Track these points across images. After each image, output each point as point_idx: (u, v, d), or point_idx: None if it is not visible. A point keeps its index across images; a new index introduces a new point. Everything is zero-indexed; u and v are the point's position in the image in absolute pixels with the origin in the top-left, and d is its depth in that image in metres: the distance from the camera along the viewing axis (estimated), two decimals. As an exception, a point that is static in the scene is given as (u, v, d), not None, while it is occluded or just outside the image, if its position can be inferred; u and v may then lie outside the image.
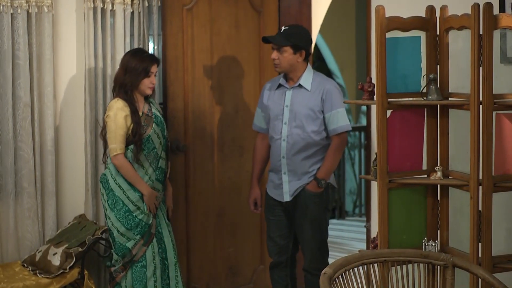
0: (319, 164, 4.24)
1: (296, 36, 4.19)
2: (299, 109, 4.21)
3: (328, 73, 10.03)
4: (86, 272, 4.30)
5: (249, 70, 5.04)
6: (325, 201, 4.30)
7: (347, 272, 3.05)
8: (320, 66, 10.06)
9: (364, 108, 8.82)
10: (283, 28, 4.21)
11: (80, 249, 4.23)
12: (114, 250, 4.30)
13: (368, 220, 4.80)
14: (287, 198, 4.28)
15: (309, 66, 4.28)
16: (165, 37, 4.79)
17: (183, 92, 4.87)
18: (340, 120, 4.20)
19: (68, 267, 4.19)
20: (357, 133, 9.05)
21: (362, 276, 3.13)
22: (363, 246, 5.71)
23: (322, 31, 7.90)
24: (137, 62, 4.24)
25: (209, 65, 4.93)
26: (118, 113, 4.21)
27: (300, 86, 4.24)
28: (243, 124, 5.04)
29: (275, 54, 4.18)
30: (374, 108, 3.96)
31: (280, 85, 4.30)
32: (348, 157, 9.19)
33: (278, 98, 4.29)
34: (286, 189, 4.28)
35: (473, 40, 3.39)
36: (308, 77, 4.24)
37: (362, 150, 8.61)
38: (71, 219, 4.60)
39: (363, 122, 9.32)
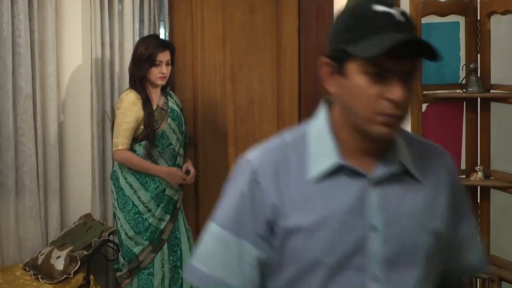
0: None
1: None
2: (410, 234, 1.60)
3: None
4: (92, 277, 4.19)
5: (265, 59, 4.86)
6: None
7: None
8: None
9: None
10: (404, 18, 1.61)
11: (85, 252, 4.14)
12: (121, 254, 4.15)
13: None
14: None
15: None
16: (172, 23, 4.75)
17: (192, 81, 4.77)
18: (480, 243, 1.84)
19: (72, 272, 4.07)
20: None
21: None
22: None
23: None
24: (143, 50, 4.05)
25: (221, 53, 4.81)
26: (128, 106, 4.04)
27: (406, 172, 1.60)
28: (259, 116, 4.89)
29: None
30: (407, 101, 3.77)
31: (342, 168, 1.55)
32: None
33: (343, 208, 1.56)
34: None
35: (520, 26, 3.24)
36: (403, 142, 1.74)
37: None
38: (76, 219, 4.52)
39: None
